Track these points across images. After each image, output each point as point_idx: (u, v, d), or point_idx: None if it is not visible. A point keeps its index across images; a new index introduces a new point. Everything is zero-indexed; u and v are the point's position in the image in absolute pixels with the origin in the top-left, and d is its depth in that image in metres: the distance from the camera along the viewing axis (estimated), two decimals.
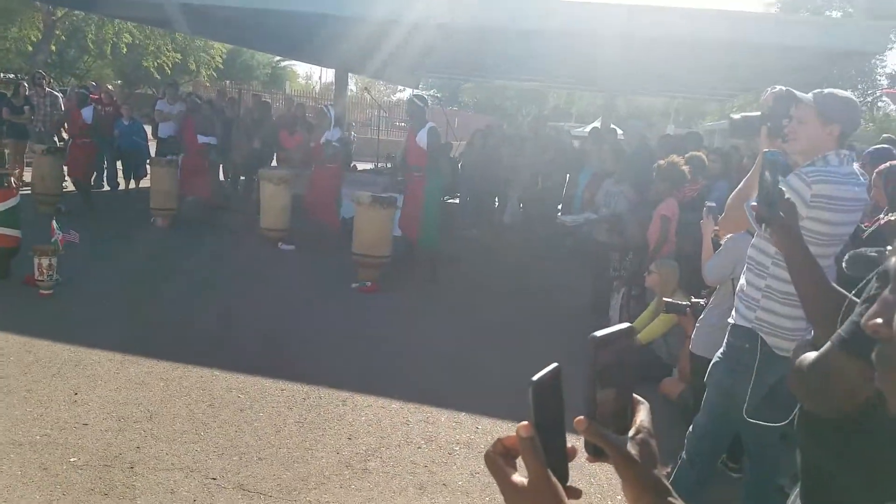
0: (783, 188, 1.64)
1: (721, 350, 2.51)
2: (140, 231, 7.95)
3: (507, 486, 0.70)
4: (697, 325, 3.34)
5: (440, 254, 6.91)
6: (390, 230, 6.41)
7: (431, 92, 29.34)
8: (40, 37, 19.97)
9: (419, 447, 3.43)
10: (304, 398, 3.83)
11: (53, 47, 21.93)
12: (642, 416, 0.76)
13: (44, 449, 3.09)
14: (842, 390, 1.11)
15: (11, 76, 19.75)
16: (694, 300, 3.70)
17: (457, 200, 10.96)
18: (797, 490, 1.31)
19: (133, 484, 2.89)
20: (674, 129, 19.23)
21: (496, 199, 10.44)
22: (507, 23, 7.94)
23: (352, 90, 23.64)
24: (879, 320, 0.71)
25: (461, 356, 4.81)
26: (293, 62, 35.61)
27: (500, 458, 0.72)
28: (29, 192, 8.27)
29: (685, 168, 5.00)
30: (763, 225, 1.64)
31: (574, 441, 0.73)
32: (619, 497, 3.09)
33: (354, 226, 6.47)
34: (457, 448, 3.46)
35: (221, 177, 11.10)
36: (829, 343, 1.14)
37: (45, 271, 5.16)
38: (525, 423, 0.69)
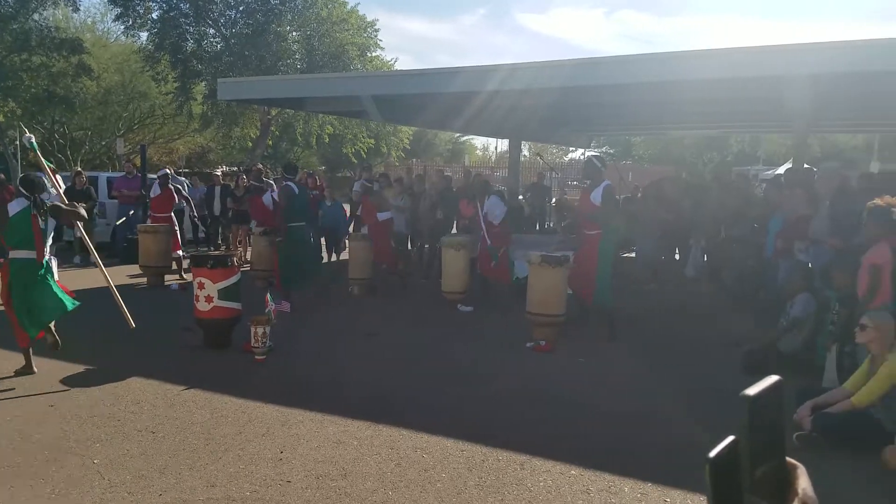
0: None
1: None
2: (339, 299, 8.77)
3: None
4: None
5: (617, 312, 6.74)
6: (563, 289, 6.41)
7: (604, 149, 29.09)
8: (258, 134, 23.39)
9: None
10: (483, 460, 3.87)
11: (269, 142, 25.58)
12: (803, 483, 0.65)
13: None
14: None
15: (234, 168, 23.29)
16: None
17: (632, 255, 10.62)
18: None
19: None
20: (878, 167, 16.89)
21: (676, 252, 9.94)
22: (684, 75, 7.75)
23: (525, 155, 24.33)
24: None
25: (644, 420, 4.59)
26: (471, 136, 37.90)
27: None
28: (248, 268, 9.59)
29: None
30: None
31: None
32: None
33: (528, 285, 6.57)
34: None
35: (409, 246, 11.96)
36: None
37: (259, 339, 5.81)
38: None
